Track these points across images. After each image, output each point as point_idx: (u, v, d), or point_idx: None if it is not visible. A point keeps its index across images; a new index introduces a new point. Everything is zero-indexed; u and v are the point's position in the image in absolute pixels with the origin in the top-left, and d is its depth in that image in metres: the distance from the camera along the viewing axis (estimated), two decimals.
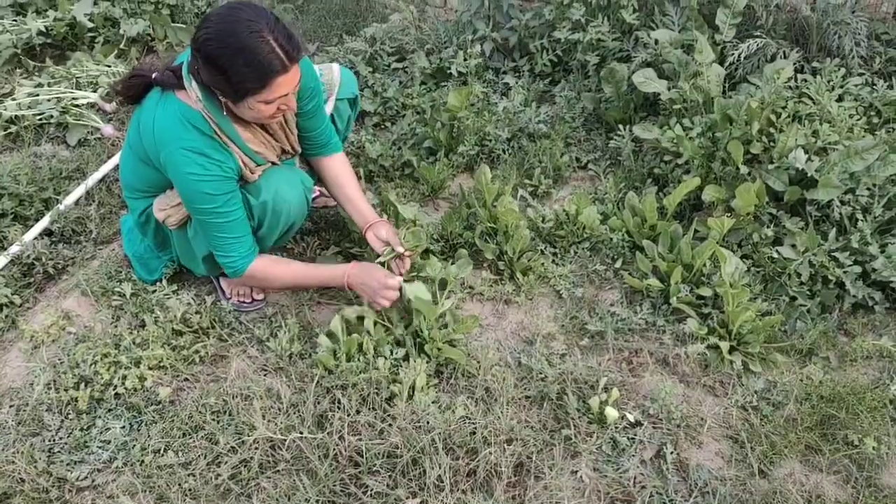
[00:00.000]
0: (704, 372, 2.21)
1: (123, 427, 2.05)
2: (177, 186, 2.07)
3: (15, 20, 3.81)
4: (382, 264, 2.29)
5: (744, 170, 2.52)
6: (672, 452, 1.95)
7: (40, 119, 3.29)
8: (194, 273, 2.48)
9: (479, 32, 3.54)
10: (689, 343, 2.26)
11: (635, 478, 1.91)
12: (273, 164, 2.23)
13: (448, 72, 3.45)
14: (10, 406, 2.11)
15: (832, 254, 2.36)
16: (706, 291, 2.33)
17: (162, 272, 2.47)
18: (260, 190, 2.15)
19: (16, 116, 3.28)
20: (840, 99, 2.71)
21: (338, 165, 2.45)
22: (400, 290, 2.21)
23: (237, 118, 2.06)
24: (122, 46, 3.90)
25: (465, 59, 3.38)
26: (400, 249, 2.30)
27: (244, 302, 2.45)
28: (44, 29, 3.76)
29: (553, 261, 2.60)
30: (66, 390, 2.11)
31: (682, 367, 2.22)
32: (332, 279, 2.28)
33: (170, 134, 1.99)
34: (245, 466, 1.92)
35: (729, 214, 2.49)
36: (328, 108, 2.51)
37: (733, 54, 2.86)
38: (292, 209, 2.23)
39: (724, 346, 2.20)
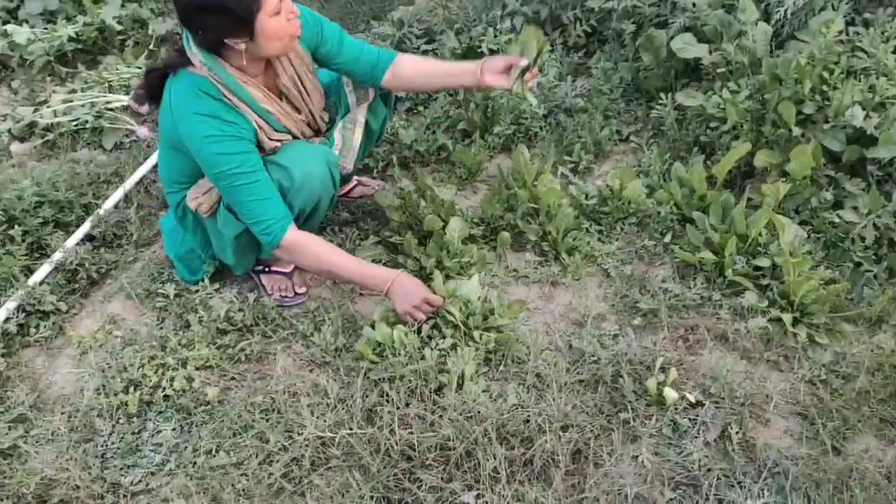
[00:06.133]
0: (767, 346, 2.10)
1: (174, 429, 2.04)
2: (196, 156, 2.06)
3: (46, 28, 3.83)
4: (520, 91, 2.18)
5: (797, 131, 2.39)
6: (737, 432, 1.86)
7: (76, 125, 3.30)
8: (232, 270, 2.45)
9: (509, 7, 3.44)
10: (749, 317, 2.16)
11: (700, 460, 1.83)
12: (295, 138, 2.20)
13: (479, 50, 3.35)
14: (62, 413, 2.11)
15: None
16: (764, 262, 2.22)
17: (204, 271, 2.45)
18: (280, 162, 2.11)
19: (52, 124, 3.30)
20: None
21: (406, 62, 2.31)
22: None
23: (246, 79, 2.05)
24: (151, 47, 3.90)
25: (495, 36, 3.28)
26: (524, 62, 2.15)
27: (286, 297, 2.42)
28: (74, 35, 3.76)
29: (599, 239, 2.51)
30: (115, 394, 2.11)
31: (742, 342, 2.12)
32: (375, 278, 2.16)
33: (183, 104, 2.02)
34: (296, 464, 1.90)
35: (784, 179, 2.37)
36: (361, 114, 2.42)
37: (779, 11, 2.72)
38: (315, 182, 2.14)
39: (787, 318, 2.09)
